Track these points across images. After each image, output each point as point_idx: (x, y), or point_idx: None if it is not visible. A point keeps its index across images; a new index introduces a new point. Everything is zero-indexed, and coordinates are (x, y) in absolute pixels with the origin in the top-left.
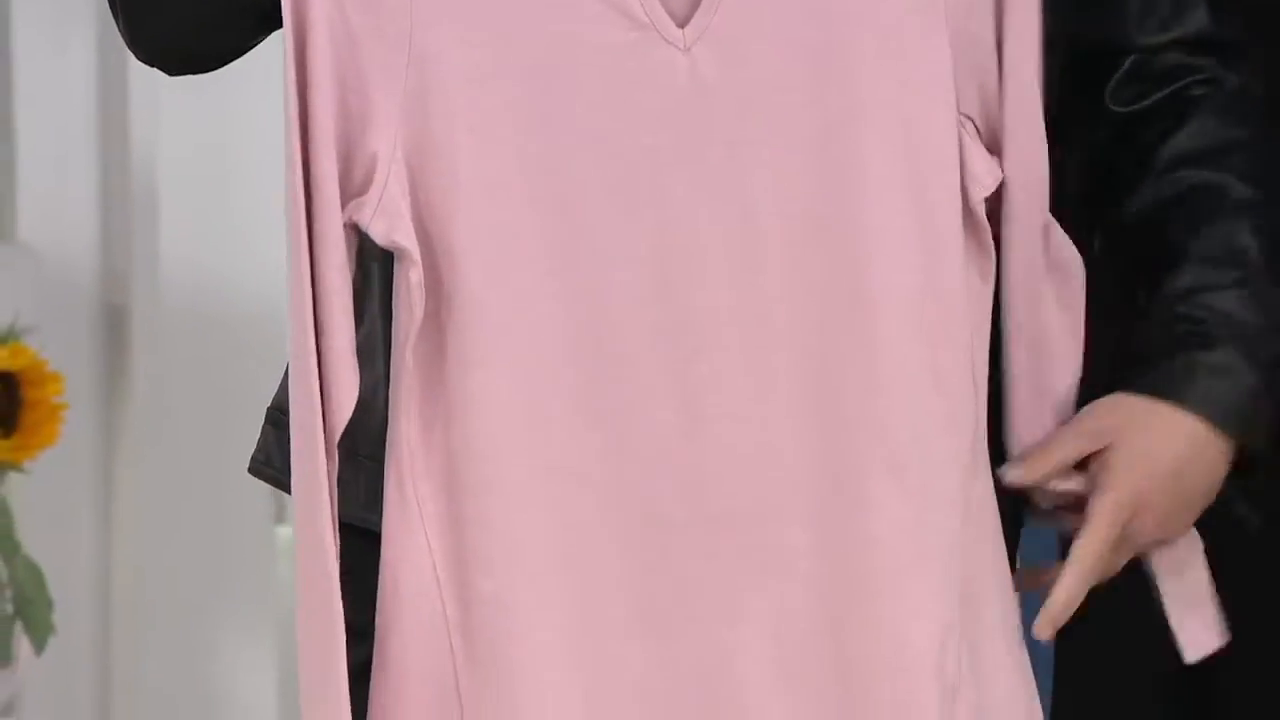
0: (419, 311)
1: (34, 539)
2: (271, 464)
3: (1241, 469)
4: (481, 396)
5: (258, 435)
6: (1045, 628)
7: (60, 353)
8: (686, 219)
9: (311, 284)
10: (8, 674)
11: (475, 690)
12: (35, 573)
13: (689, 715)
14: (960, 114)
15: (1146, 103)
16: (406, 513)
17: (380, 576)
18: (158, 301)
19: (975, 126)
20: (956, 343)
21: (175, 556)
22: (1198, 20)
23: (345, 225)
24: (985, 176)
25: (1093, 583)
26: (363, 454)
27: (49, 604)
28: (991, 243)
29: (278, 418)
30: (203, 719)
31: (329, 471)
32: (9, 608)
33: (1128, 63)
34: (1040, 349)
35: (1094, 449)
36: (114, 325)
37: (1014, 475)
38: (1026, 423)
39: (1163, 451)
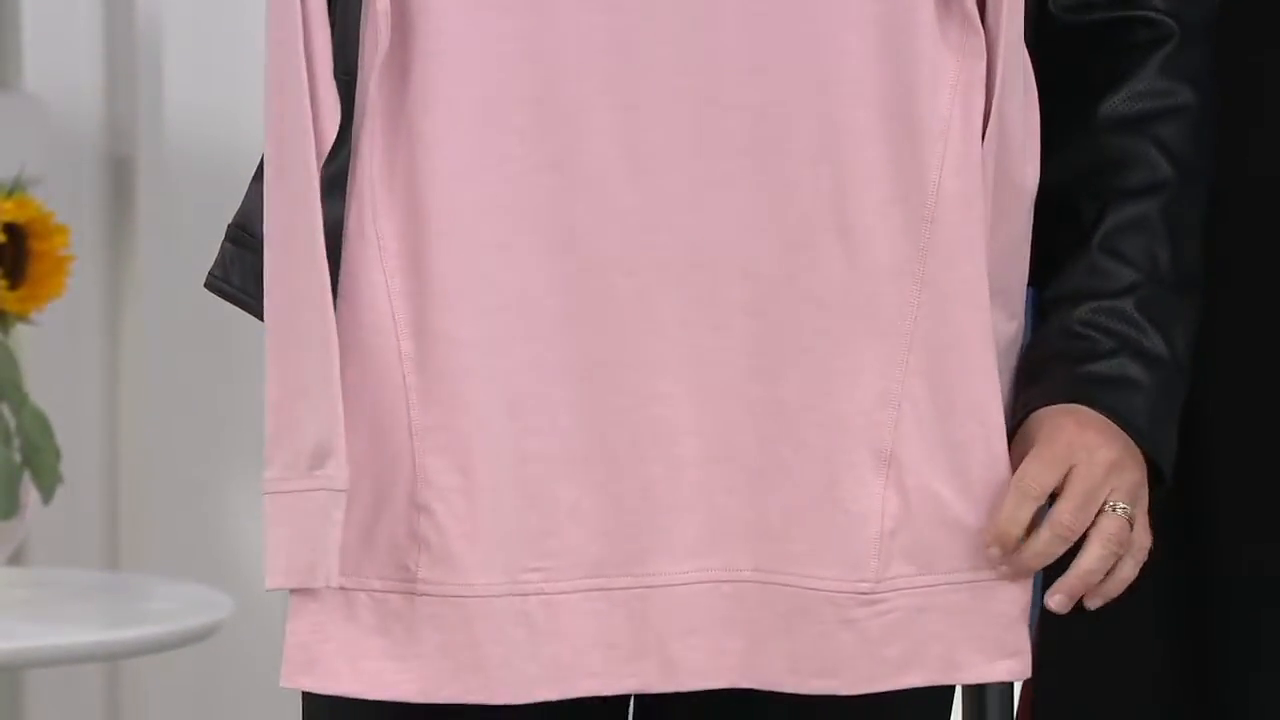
0: (384, 42)
1: (41, 389)
2: (229, 281)
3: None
4: (443, 133)
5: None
6: (993, 548)
7: (66, 204)
8: None
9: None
10: (16, 522)
11: (427, 422)
12: (43, 422)
13: (608, 455)
14: None
15: (1091, 19)
16: (366, 248)
17: (338, 312)
18: (163, 153)
19: None
20: (916, 116)
21: (180, 405)
22: None
23: None
24: None
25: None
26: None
27: (56, 453)
28: (978, 20)
29: (238, 234)
30: (208, 566)
31: (318, 196)
32: (17, 457)
33: None
34: (1004, 139)
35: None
36: (120, 177)
37: (992, 552)
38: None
39: (1069, 429)
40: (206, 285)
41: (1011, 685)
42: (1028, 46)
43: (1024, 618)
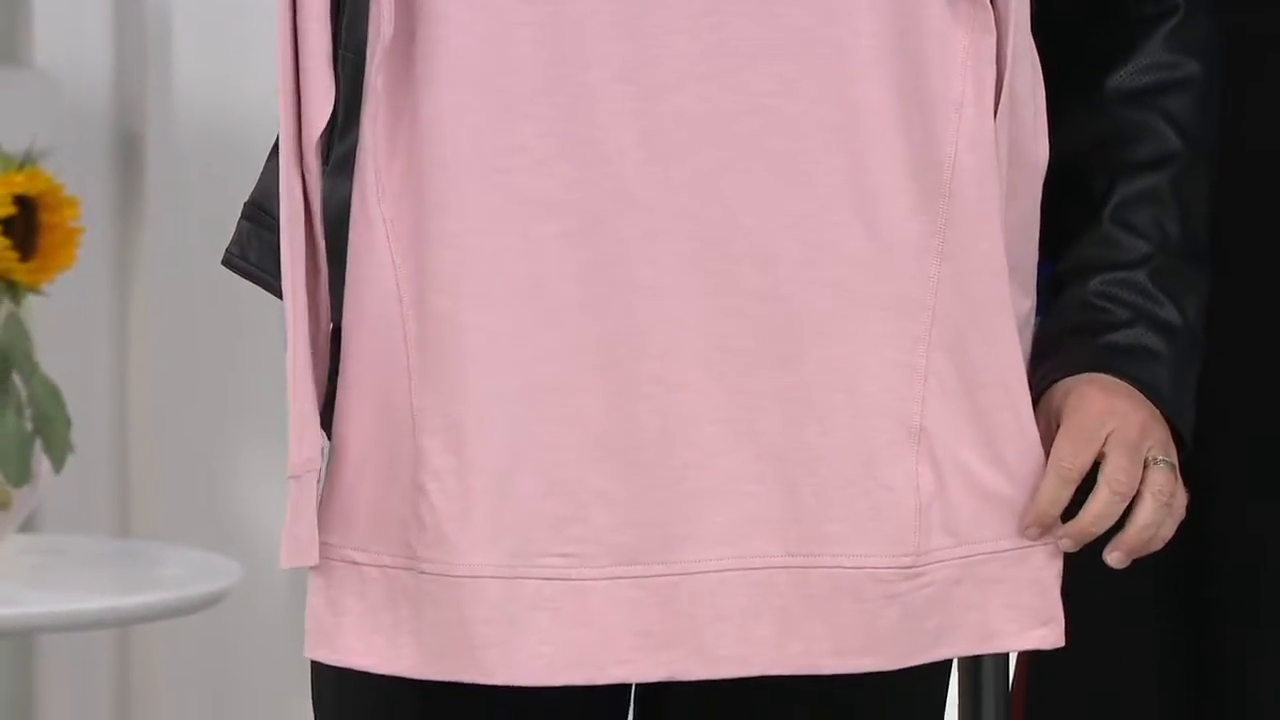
0: (388, 29)
1: (52, 360)
2: (246, 258)
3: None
4: (449, 117)
5: None
6: (1030, 528)
7: (76, 177)
8: None
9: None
10: (28, 491)
11: (426, 404)
12: (54, 392)
13: (635, 443)
14: None
15: None
16: (371, 231)
17: (345, 292)
18: (172, 128)
19: None
20: (928, 91)
21: (189, 374)
22: None
23: None
24: None
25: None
26: None
27: (67, 423)
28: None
29: (254, 212)
30: (218, 532)
31: (308, 176)
32: (28, 426)
33: None
34: (1016, 116)
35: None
36: (129, 150)
37: (1030, 533)
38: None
39: (1096, 400)
40: (224, 263)
41: (1007, 659)
42: (1034, 22)
43: (1056, 585)
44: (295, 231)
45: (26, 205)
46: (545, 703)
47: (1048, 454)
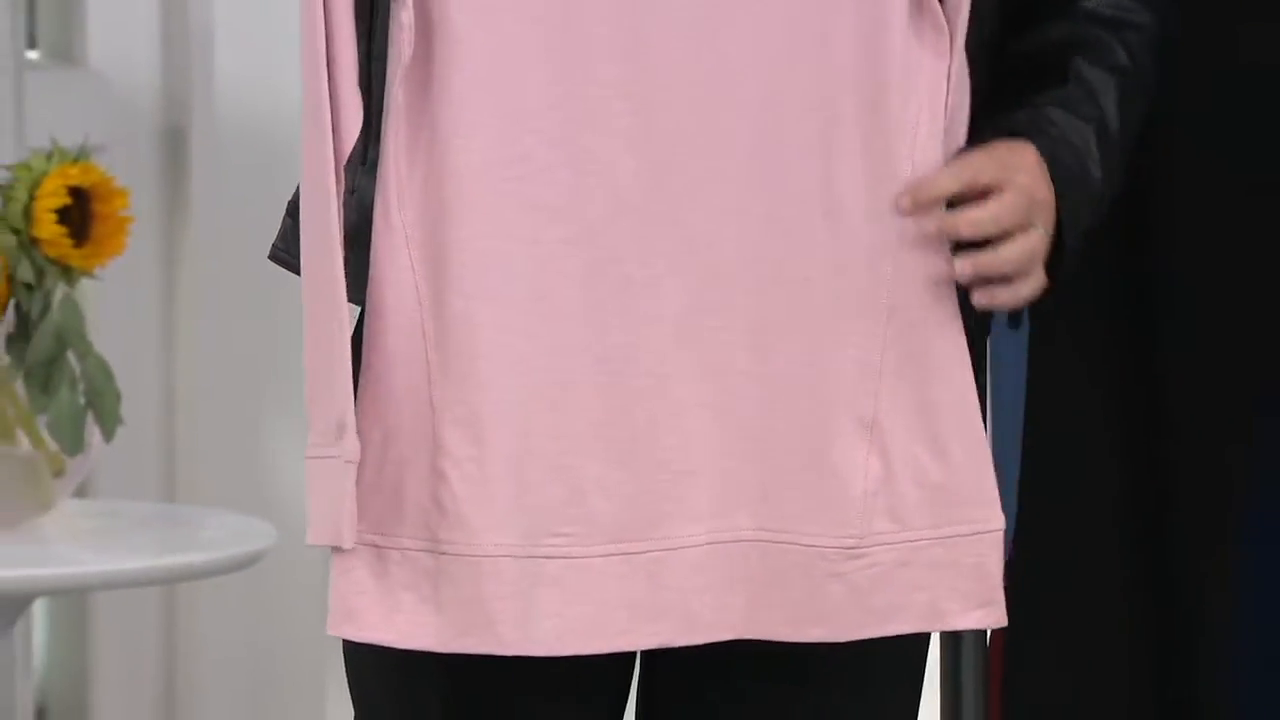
0: (408, 51)
1: (104, 338)
2: (290, 252)
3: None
4: (464, 130)
5: None
6: (903, 196)
7: (126, 170)
8: None
9: (325, 26)
10: (82, 459)
11: (446, 397)
12: (105, 368)
13: (628, 432)
14: None
15: None
16: (393, 237)
17: (368, 295)
18: (214, 124)
19: None
20: (889, 111)
21: (229, 351)
22: None
23: None
24: None
25: (961, 182)
26: None
27: (117, 396)
28: (945, 23)
29: (296, 210)
30: (254, 498)
31: (336, 190)
32: (82, 400)
33: None
34: (952, 130)
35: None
36: (175, 145)
37: (902, 200)
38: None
39: (1021, 158)
40: (270, 257)
41: (985, 633)
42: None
43: (997, 569)
44: (335, 249)
45: (81, 196)
46: (559, 671)
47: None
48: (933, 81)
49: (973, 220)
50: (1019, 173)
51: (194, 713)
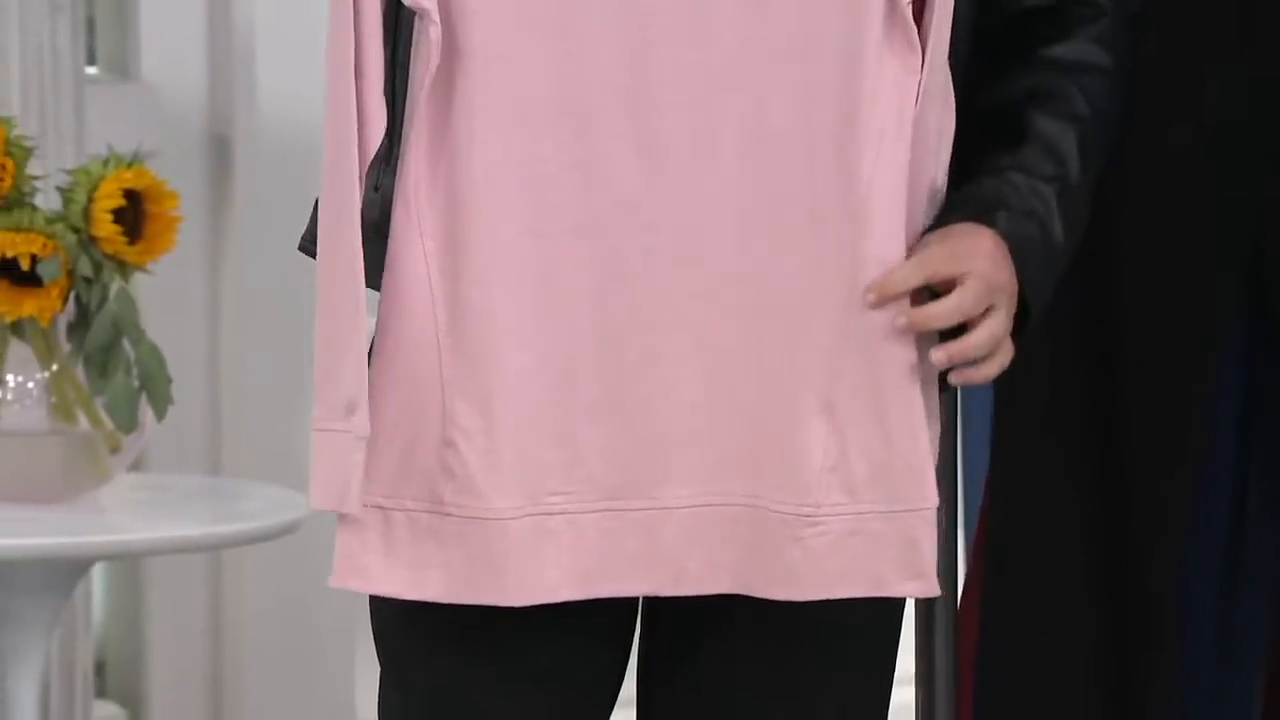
0: (434, 64)
1: (156, 327)
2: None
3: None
4: (481, 134)
5: None
6: (869, 292)
7: (176, 174)
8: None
9: (355, 35)
10: (135, 437)
11: (456, 374)
12: (156, 354)
13: (627, 403)
14: None
15: (1037, 4)
16: (410, 233)
17: (384, 285)
18: (255, 132)
19: None
20: (859, 121)
21: (270, 339)
22: None
23: None
24: None
25: (924, 278)
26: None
27: (168, 380)
28: (918, 41)
29: None
30: (293, 472)
31: (357, 194)
32: (136, 383)
33: None
34: (920, 141)
35: (929, 270)
36: (220, 152)
37: (869, 296)
38: (910, 203)
39: (977, 244)
40: (300, 248)
41: (954, 600)
42: (989, 14)
43: (930, 544)
44: (355, 241)
45: (135, 198)
46: (566, 622)
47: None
48: (901, 93)
49: (936, 315)
50: (976, 260)
51: (238, 666)
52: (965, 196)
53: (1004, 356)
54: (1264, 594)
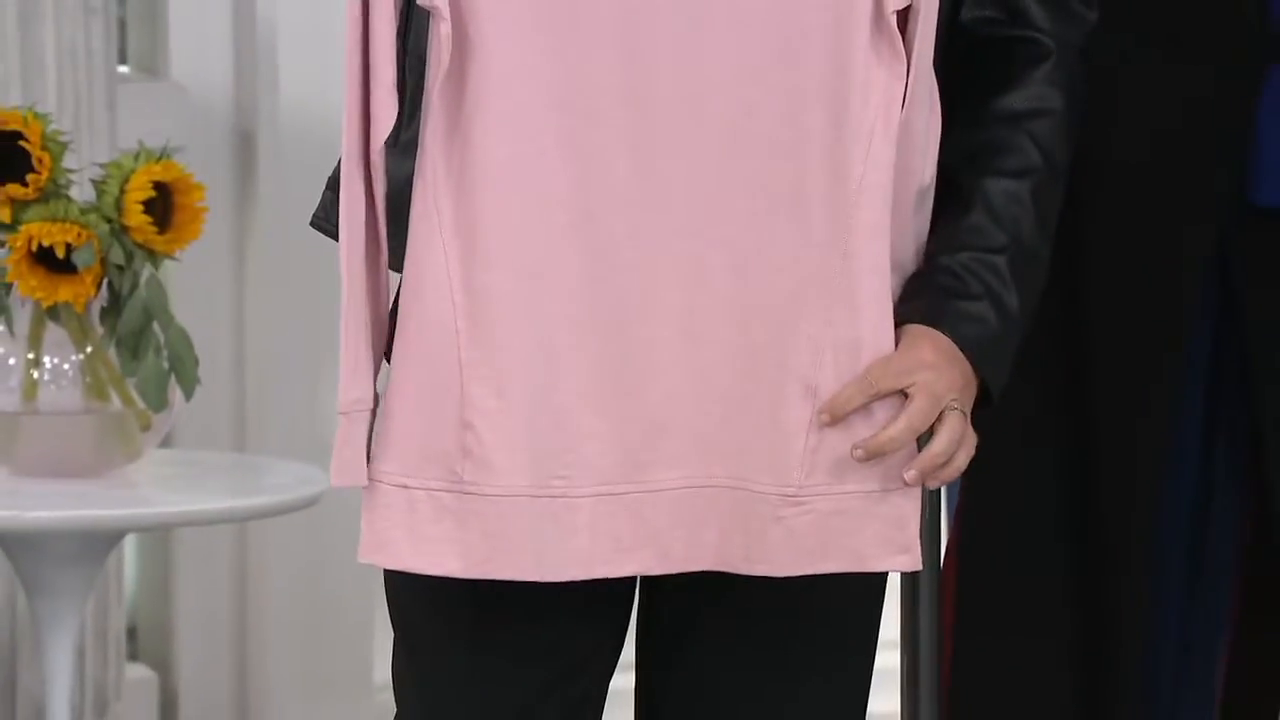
0: (446, 59)
1: (184, 311)
2: (330, 220)
3: (981, 402)
4: (491, 127)
5: None
6: (823, 414)
7: (203, 168)
8: (650, 3)
9: (364, 32)
10: (165, 416)
11: (473, 358)
12: (185, 337)
13: (620, 389)
14: None
15: (991, 33)
16: (428, 220)
17: (404, 272)
18: (278, 128)
19: None
20: (847, 122)
21: (292, 323)
22: None
23: None
24: None
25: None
26: None
27: (195, 362)
28: (903, 49)
29: (336, 184)
30: (314, 449)
31: (370, 178)
32: (165, 365)
33: None
34: (907, 143)
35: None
36: (244, 146)
37: (822, 417)
38: (895, 204)
39: (919, 356)
40: (311, 224)
41: (937, 566)
42: (940, 58)
43: (914, 521)
44: (355, 224)
45: (164, 190)
46: (568, 595)
47: None
48: (888, 97)
49: (890, 440)
50: (918, 373)
51: (261, 631)
52: (918, 287)
53: (968, 449)
54: (1232, 541)
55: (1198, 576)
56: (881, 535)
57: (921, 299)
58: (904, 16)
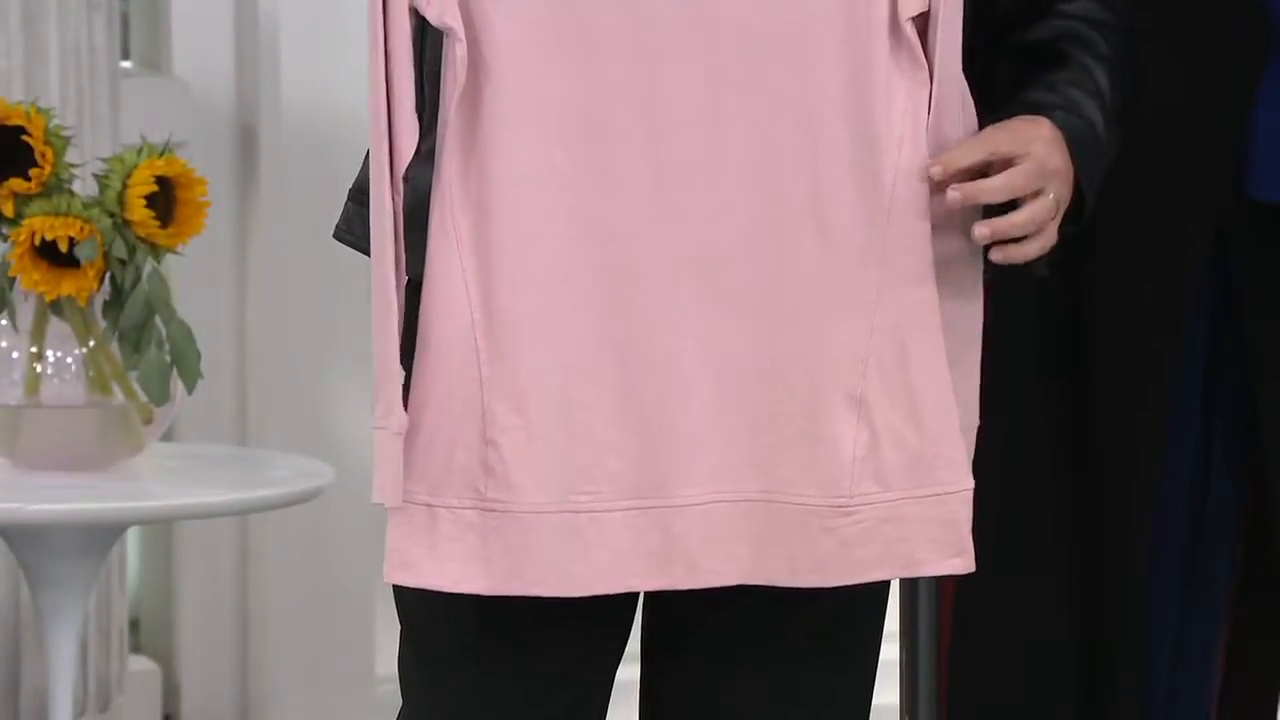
0: (461, 79)
1: (186, 305)
2: (352, 232)
3: (1068, 215)
4: (506, 145)
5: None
6: (935, 165)
7: (205, 163)
8: (663, 21)
9: (385, 58)
10: (167, 409)
11: (494, 375)
12: (187, 331)
13: (642, 404)
14: None
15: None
16: (446, 240)
17: (424, 289)
18: (280, 123)
19: None
20: (874, 133)
21: (294, 316)
22: None
23: (409, 10)
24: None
25: (983, 155)
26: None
27: (198, 355)
28: (923, 57)
29: (357, 195)
30: (316, 442)
31: (395, 199)
32: (167, 358)
33: None
34: (939, 149)
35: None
36: (246, 142)
37: (934, 170)
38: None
39: (1037, 131)
40: (335, 236)
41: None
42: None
43: (968, 523)
44: (385, 242)
45: (166, 185)
46: (575, 603)
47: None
48: (914, 106)
49: (986, 189)
50: (1034, 144)
51: (263, 624)
52: (1018, 102)
53: (1046, 239)
54: (1231, 523)
55: (1195, 574)
56: (934, 538)
57: (1024, 107)
58: (923, 23)
